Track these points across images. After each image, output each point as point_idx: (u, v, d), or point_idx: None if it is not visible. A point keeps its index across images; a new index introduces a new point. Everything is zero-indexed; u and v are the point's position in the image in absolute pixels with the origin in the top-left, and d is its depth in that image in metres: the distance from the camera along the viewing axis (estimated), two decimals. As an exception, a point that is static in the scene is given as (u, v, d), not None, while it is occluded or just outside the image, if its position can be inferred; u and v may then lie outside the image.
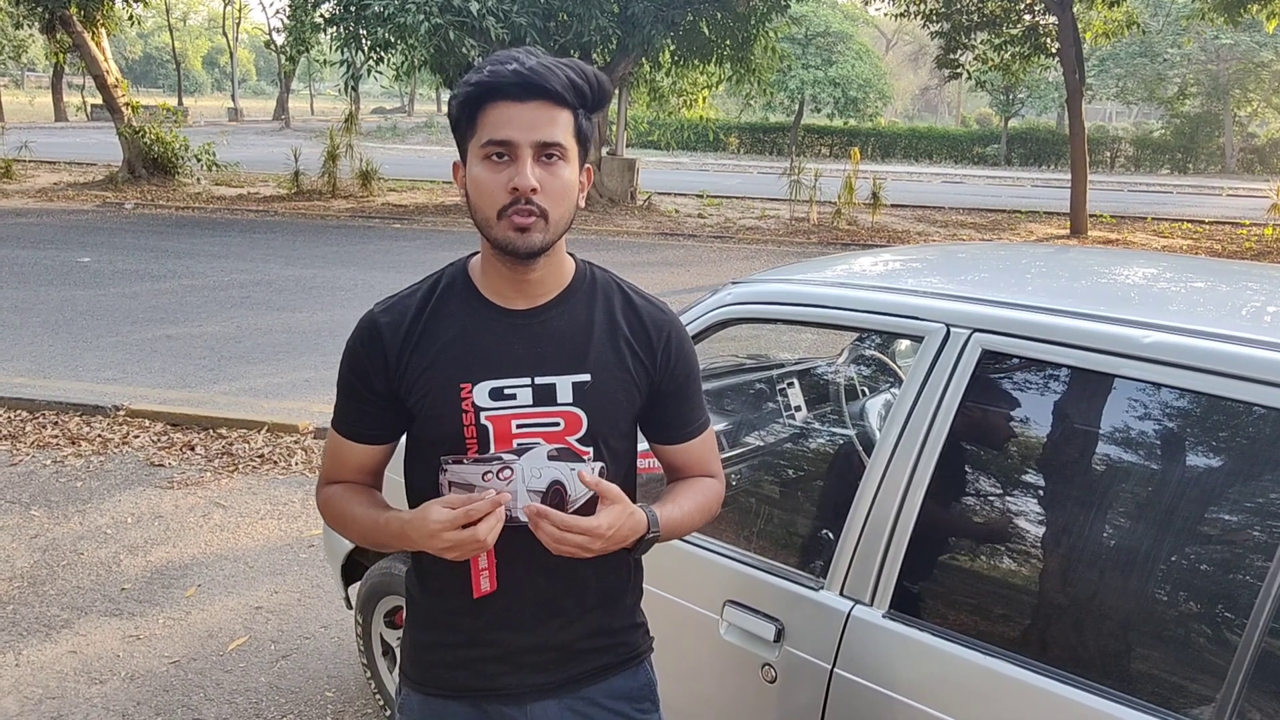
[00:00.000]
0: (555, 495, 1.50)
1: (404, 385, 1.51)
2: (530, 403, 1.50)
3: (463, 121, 1.45)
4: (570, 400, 1.51)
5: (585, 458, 1.53)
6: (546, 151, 1.42)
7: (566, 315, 1.54)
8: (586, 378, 1.52)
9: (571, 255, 1.58)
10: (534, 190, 1.40)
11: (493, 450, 1.49)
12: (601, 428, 1.54)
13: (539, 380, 1.51)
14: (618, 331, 1.56)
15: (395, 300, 1.57)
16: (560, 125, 1.43)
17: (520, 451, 1.49)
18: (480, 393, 1.49)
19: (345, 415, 1.59)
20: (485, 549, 1.41)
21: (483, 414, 1.48)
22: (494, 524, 1.39)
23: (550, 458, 1.50)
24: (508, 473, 1.47)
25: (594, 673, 1.63)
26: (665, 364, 1.59)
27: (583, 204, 1.51)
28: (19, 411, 6.00)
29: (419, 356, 1.51)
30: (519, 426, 1.50)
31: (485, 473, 1.47)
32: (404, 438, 1.62)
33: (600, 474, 1.52)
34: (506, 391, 1.49)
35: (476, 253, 1.59)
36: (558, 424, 1.51)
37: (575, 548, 1.41)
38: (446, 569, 1.53)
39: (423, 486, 1.56)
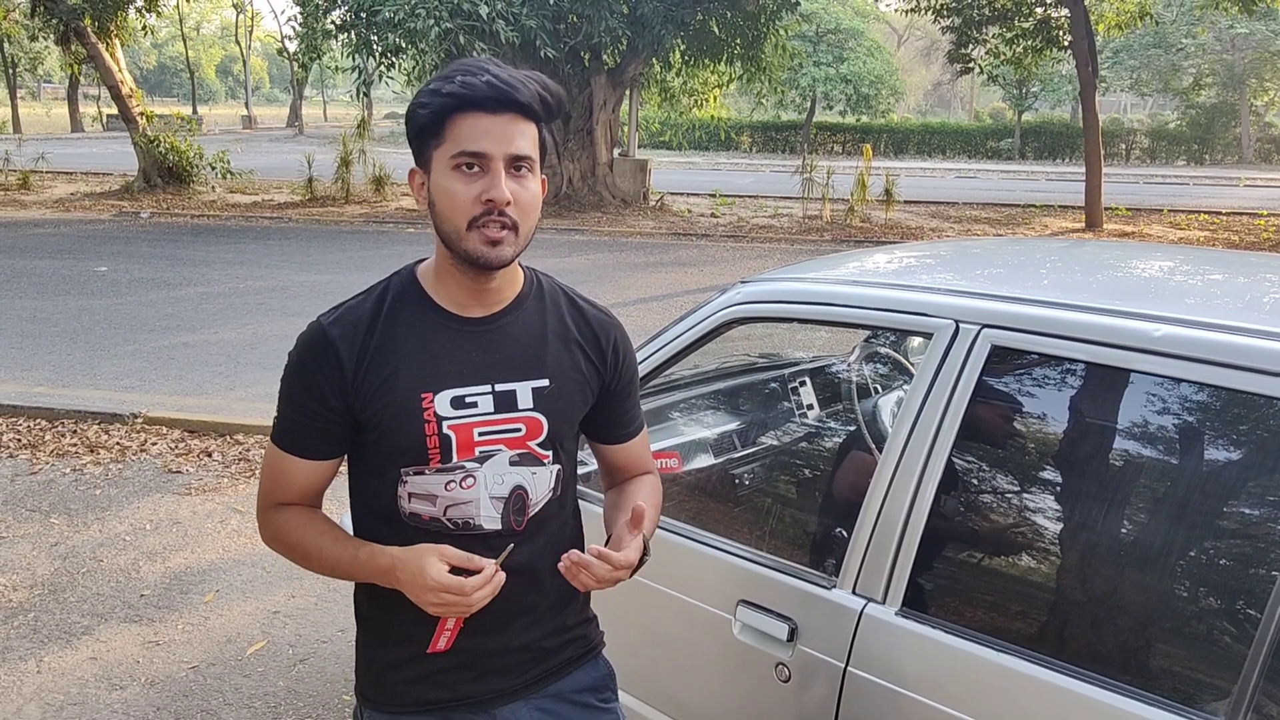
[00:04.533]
0: (517, 500, 1.53)
1: (360, 398, 1.47)
2: (492, 410, 1.50)
3: (429, 130, 1.43)
4: (531, 405, 1.52)
5: (545, 461, 1.55)
6: (516, 164, 1.42)
7: (521, 321, 1.55)
8: (546, 382, 1.54)
9: (519, 263, 1.57)
10: (508, 203, 1.40)
11: (455, 459, 1.48)
12: (559, 431, 1.56)
13: (499, 387, 1.51)
14: (569, 335, 1.59)
15: (343, 311, 1.52)
16: (529, 138, 1.43)
17: (482, 459, 1.50)
18: (442, 402, 1.47)
19: (292, 431, 1.52)
20: (468, 614, 1.42)
21: (445, 423, 1.47)
22: (489, 595, 1.40)
23: (512, 463, 1.52)
24: (470, 481, 1.49)
25: (557, 669, 1.65)
26: (615, 365, 1.63)
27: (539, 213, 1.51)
28: (38, 420, 6.06)
29: (376, 368, 1.47)
30: (481, 434, 1.49)
31: (448, 482, 1.48)
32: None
33: (556, 476, 1.57)
34: (468, 400, 1.49)
35: (420, 260, 1.57)
36: (519, 430, 1.52)
37: (614, 579, 1.46)
38: None
39: (377, 500, 1.54)
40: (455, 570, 1.40)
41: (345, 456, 1.57)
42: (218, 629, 3.72)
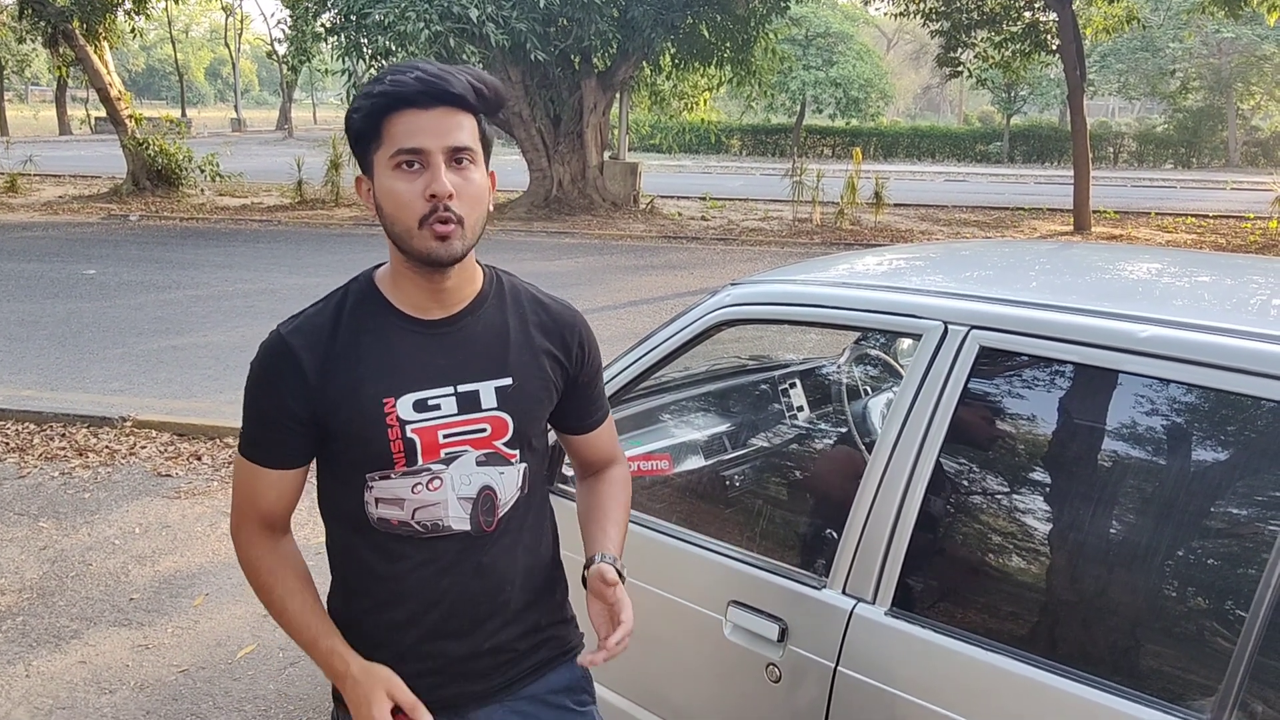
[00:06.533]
0: (486, 500, 1.53)
1: (325, 406, 1.46)
2: (455, 411, 1.50)
3: (367, 134, 1.43)
4: (495, 405, 1.52)
5: (513, 460, 1.55)
6: (456, 156, 1.41)
7: (482, 321, 1.54)
8: (508, 381, 1.54)
9: (477, 262, 1.57)
10: (450, 196, 1.39)
11: (421, 462, 1.49)
12: (525, 429, 1.56)
13: (462, 388, 1.51)
14: (532, 333, 1.59)
15: (302, 320, 1.51)
16: (466, 129, 1.42)
17: (448, 460, 1.50)
18: (404, 406, 1.47)
19: (259, 442, 1.51)
20: None
21: (408, 427, 1.47)
22: None
23: (478, 464, 1.52)
24: (436, 483, 1.49)
25: (531, 671, 1.65)
26: (580, 359, 1.65)
27: (491, 208, 1.51)
28: (26, 424, 6.03)
29: (340, 375, 1.46)
30: (446, 436, 1.49)
31: (415, 485, 1.48)
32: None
33: (524, 475, 1.57)
34: (430, 402, 1.48)
35: (378, 266, 1.57)
36: (484, 430, 1.52)
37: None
38: (376, 584, 1.53)
39: (346, 508, 1.53)
40: (399, 708, 1.46)
41: (314, 461, 1.57)
42: (208, 632, 3.71)
